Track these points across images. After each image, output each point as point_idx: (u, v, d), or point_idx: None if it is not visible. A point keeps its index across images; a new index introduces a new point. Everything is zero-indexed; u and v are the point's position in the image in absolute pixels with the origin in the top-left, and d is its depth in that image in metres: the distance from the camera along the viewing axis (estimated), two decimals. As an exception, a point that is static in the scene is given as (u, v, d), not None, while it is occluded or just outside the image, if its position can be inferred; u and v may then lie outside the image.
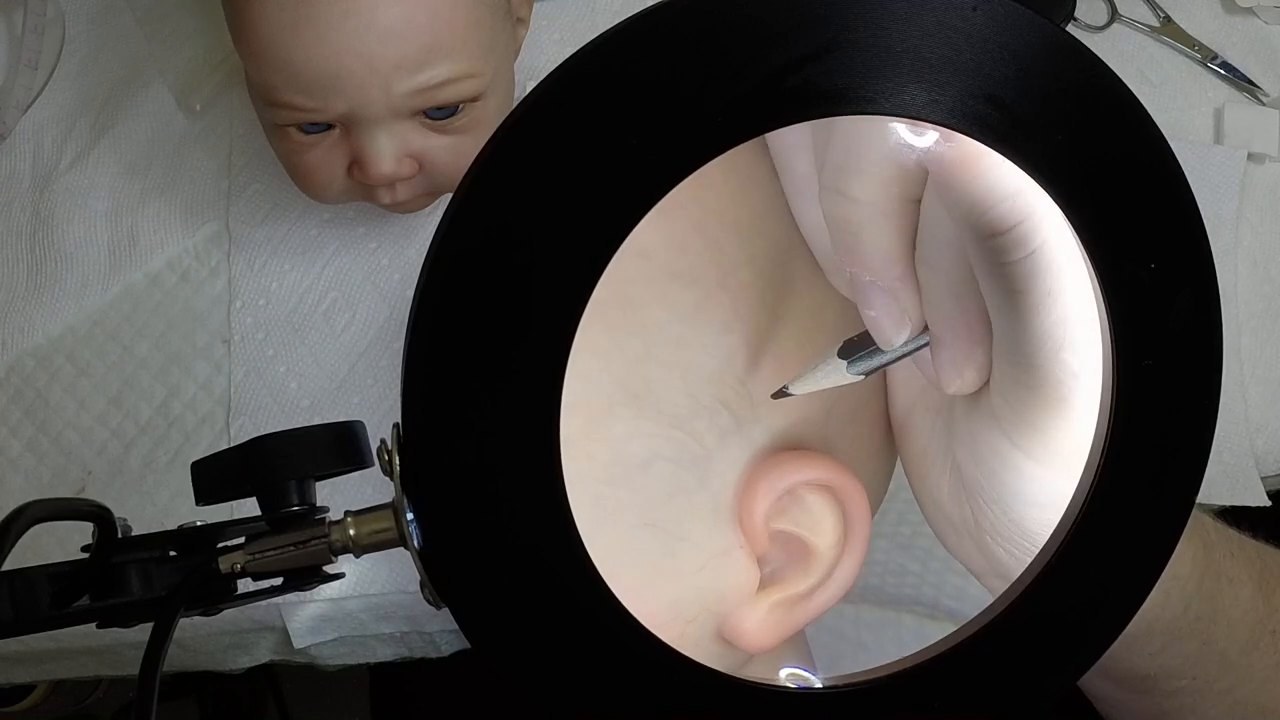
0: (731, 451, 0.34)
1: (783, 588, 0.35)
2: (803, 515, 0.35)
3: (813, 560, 0.35)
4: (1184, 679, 0.41)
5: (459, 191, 0.26)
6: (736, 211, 0.34)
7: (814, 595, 0.35)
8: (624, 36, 0.25)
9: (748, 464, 0.34)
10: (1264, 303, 0.68)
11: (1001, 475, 0.33)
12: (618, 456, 0.32)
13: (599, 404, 0.32)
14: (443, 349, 0.26)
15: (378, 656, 0.67)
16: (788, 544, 0.35)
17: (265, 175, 0.66)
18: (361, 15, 0.50)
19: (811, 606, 0.35)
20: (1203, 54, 0.72)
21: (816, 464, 0.34)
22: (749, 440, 0.34)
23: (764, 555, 0.35)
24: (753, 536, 0.34)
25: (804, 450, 0.35)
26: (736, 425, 0.34)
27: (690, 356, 0.33)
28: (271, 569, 0.29)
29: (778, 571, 0.35)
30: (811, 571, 0.35)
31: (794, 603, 0.35)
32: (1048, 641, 0.30)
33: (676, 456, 0.33)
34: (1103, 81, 0.28)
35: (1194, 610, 0.39)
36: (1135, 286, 0.29)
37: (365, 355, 0.63)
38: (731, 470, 0.34)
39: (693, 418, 0.33)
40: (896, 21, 0.26)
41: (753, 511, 0.34)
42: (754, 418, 0.34)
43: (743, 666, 0.35)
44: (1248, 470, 0.64)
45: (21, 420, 0.63)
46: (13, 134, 0.68)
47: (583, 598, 0.27)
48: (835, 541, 0.35)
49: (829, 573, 0.35)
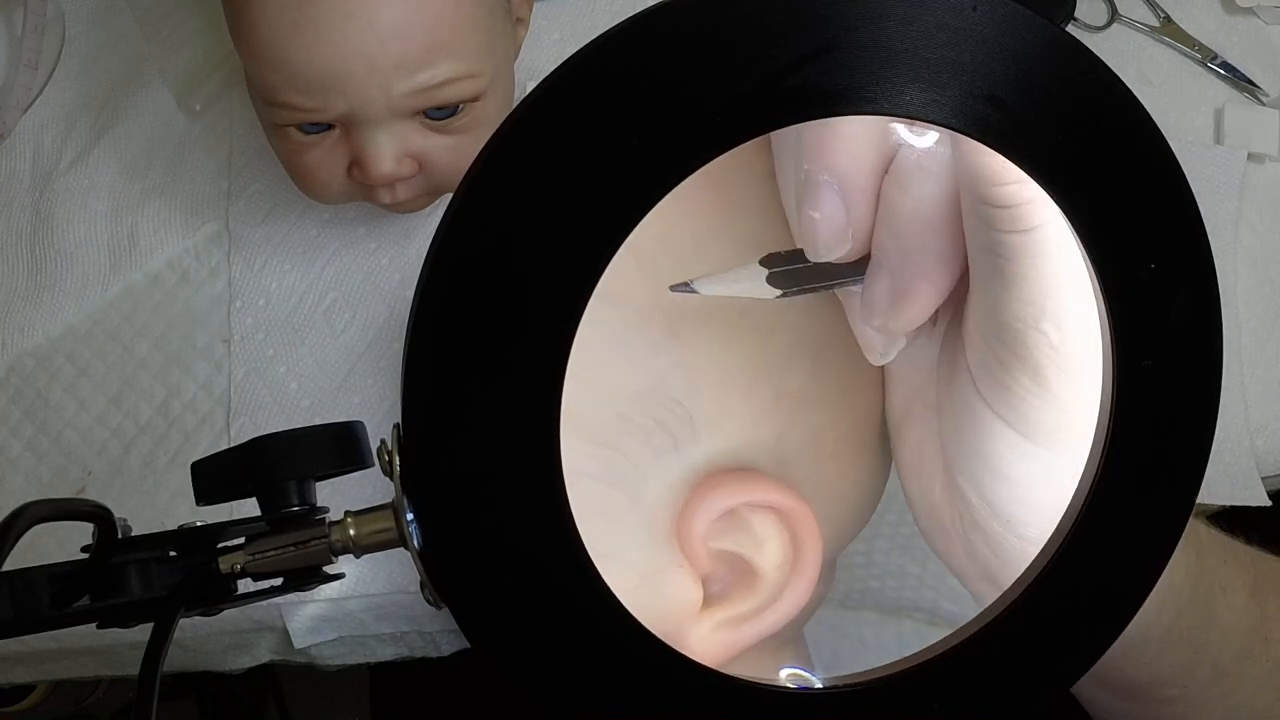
0: (668, 471, 0.34)
1: (727, 607, 0.35)
2: (745, 537, 0.35)
3: (757, 581, 0.35)
4: (1177, 687, 0.40)
5: (459, 191, 0.26)
6: (678, 235, 0.34)
7: (762, 614, 0.34)
8: (624, 36, 0.25)
9: (686, 484, 0.34)
10: (1264, 303, 0.68)
11: (977, 445, 0.32)
12: None
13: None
14: (443, 349, 0.26)
15: (378, 656, 0.67)
16: (732, 564, 0.35)
17: (265, 175, 0.66)
18: (362, 15, 0.50)
19: (761, 625, 0.34)
20: (1203, 54, 0.72)
21: (759, 486, 0.34)
22: (688, 461, 0.34)
23: (708, 574, 0.35)
24: (693, 556, 0.34)
25: (747, 472, 0.35)
26: (674, 445, 0.34)
27: (616, 376, 0.33)
28: (271, 569, 0.29)
29: (723, 591, 0.35)
30: (757, 592, 0.35)
31: (740, 621, 0.34)
32: (1048, 642, 0.30)
33: (603, 474, 0.33)
34: (1103, 81, 0.28)
35: (1187, 619, 0.38)
36: (1135, 286, 0.29)
37: (365, 355, 0.63)
38: (668, 490, 0.34)
39: (621, 436, 0.33)
40: (896, 21, 0.26)
41: (691, 531, 0.34)
42: (694, 438, 0.34)
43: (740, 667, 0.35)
44: (1248, 470, 0.64)
45: (21, 420, 0.63)
46: (13, 134, 0.68)
47: (583, 598, 0.27)
48: (780, 563, 0.35)
49: (777, 593, 0.35)
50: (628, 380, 0.33)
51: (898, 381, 0.37)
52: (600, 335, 0.33)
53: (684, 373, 0.34)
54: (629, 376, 0.33)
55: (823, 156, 0.30)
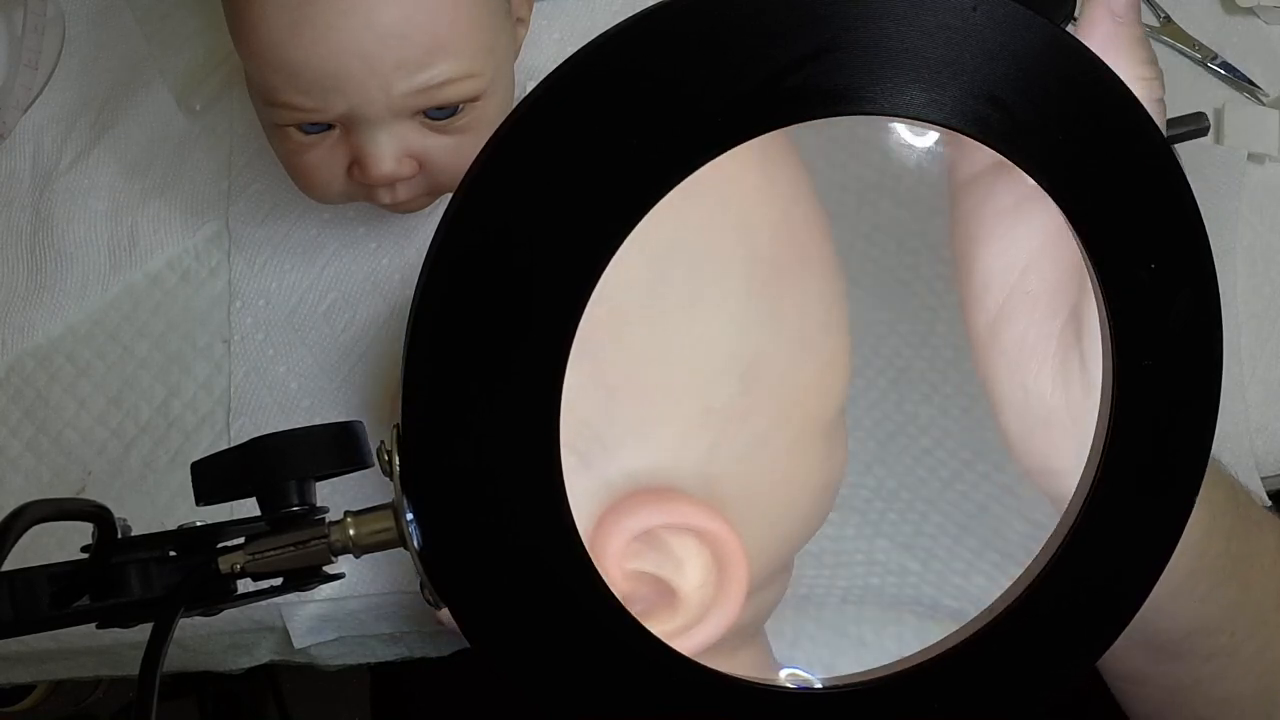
0: (576, 492, 0.34)
1: (650, 625, 0.34)
2: (662, 558, 0.34)
3: (678, 602, 0.34)
4: (1223, 634, 0.40)
5: (459, 191, 0.26)
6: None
7: (690, 632, 0.34)
8: (624, 36, 0.25)
9: (599, 505, 0.34)
10: (1264, 303, 0.68)
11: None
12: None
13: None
14: (443, 349, 0.26)
15: (378, 656, 0.67)
16: (653, 584, 0.34)
17: (265, 175, 0.66)
18: (361, 15, 0.50)
19: (690, 643, 0.34)
20: (1203, 54, 0.72)
21: (675, 507, 0.34)
22: (599, 480, 0.34)
23: (628, 594, 0.34)
24: (609, 577, 0.34)
25: (663, 491, 0.34)
26: (583, 465, 0.33)
27: None
28: (271, 569, 0.29)
29: (646, 610, 0.34)
30: (679, 612, 0.34)
31: (666, 639, 0.34)
32: (1048, 642, 0.30)
33: None
34: (1103, 81, 0.28)
35: (1234, 548, 0.39)
36: (1135, 286, 0.29)
37: (365, 355, 0.63)
38: (579, 511, 0.34)
39: None
40: (896, 21, 0.26)
41: (604, 553, 0.33)
42: (605, 457, 0.34)
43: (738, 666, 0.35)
44: (1248, 470, 0.64)
45: (21, 420, 0.63)
46: (13, 134, 0.68)
47: (583, 598, 0.27)
48: (702, 583, 0.34)
49: (701, 613, 0.34)
50: None
51: (995, 279, 0.37)
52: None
53: (600, 389, 0.33)
54: None
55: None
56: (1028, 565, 0.31)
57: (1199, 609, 0.40)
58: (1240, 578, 0.40)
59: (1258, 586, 0.40)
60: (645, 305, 0.34)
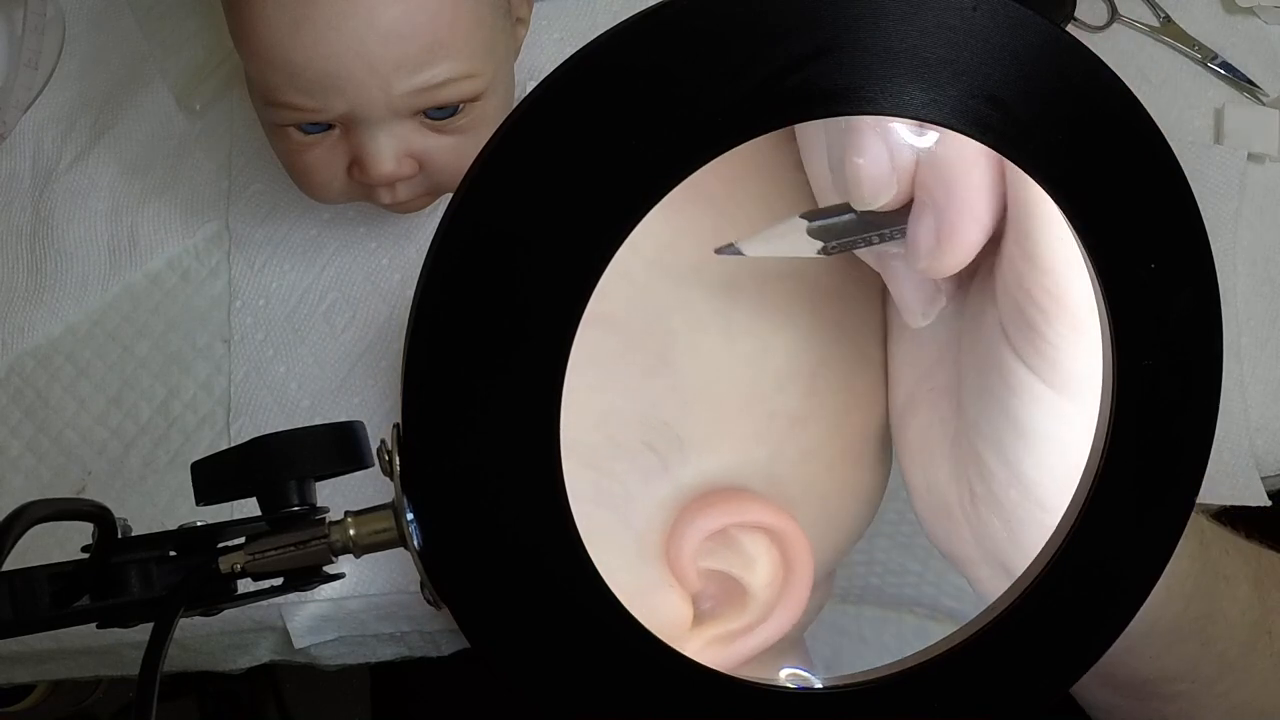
0: (657, 492, 0.34)
1: (718, 624, 0.35)
2: (734, 556, 0.35)
3: (748, 599, 0.35)
4: (1184, 682, 0.40)
5: (459, 191, 0.26)
6: (671, 258, 0.34)
7: (753, 631, 0.35)
8: (624, 36, 0.25)
9: (675, 504, 0.34)
10: (1264, 303, 0.68)
11: (1005, 403, 0.32)
12: None
13: None
14: (443, 349, 0.26)
15: (378, 656, 0.67)
16: (722, 582, 0.35)
17: (265, 175, 0.66)
18: (361, 15, 0.50)
19: (753, 641, 0.35)
20: (1203, 54, 0.72)
21: (749, 506, 0.34)
22: (676, 482, 0.34)
23: (698, 593, 0.35)
24: (681, 576, 0.34)
25: (736, 492, 0.35)
26: (663, 466, 0.34)
27: (608, 400, 0.33)
28: (271, 569, 0.29)
29: (714, 608, 0.35)
30: (747, 610, 0.35)
31: (731, 638, 0.35)
32: (1048, 642, 0.30)
33: (592, 496, 0.33)
34: (1103, 81, 0.28)
35: (1194, 609, 0.39)
36: (1135, 286, 0.29)
37: (365, 355, 0.63)
38: (657, 510, 0.34)
39: (611, 459, 0.33)
40: (896, 21, 0.26)
41: (680, 552, 0.34)
42: (683, 459, 0.34)
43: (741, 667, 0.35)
44: (1248, 470, 0.64)
45: (21, 420, 0.63)
46: (13, 134, 0.68)
47: (583, 598, 0.27)
48: (770, 581, 0.35)
49: (767, 611, 0.35)
50: (619, 404, 0.33)
51: (904, 370, 0.37)
52: (593, 361, 0.33)
53: (675, 396, 0.34)
54: (620, 401, 0.33)
55: None
56: (1028, 566, 0.31)
57: (1154, 663, 0.40)
58: (1200, 635, 0.40)
59: (1222, 639, 0.40)
60: (718, 314, 0.35)
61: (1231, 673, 0.41)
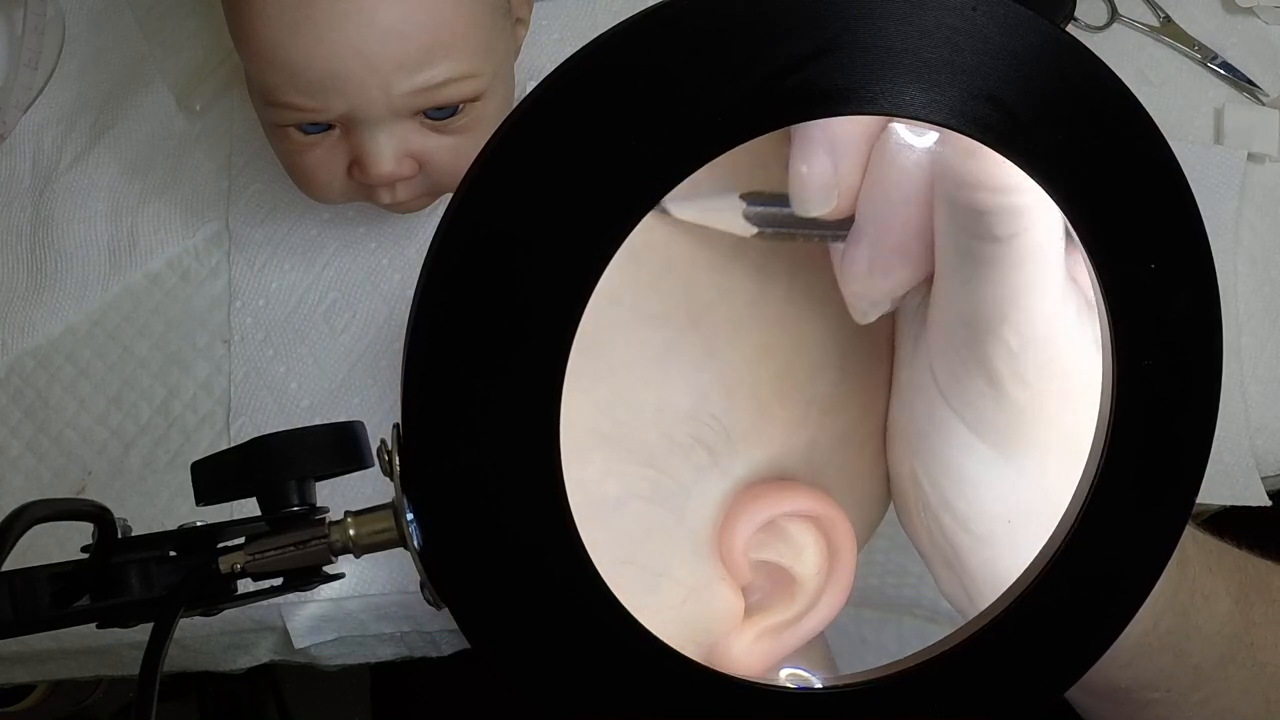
0: (709, 487, 0.34)
1: (768, 615, 0.35)
2: (784, 546, 0.35)
3: (797, 588, 0.35)
4: (1158, 690, 0.40)
5: (459, 191, 0.26)
6: (708, 251, 0.34)
7: (801, 621, 0.35)
8: (624, 36, 0.25)
9: (725, 498, 0.34)
10: (1264, 303, 0.68)
11: (930, 434, 0.33)
12: (590, 497, 0.32)
13: (568, 448, 0.32)
14: (443, 349, 0.26)
15: (378, 656, 0.67)
16: (771, 573, 0.35)
17: (265, 175, 0.66)
18: (361, 15, 0.50)
19: (800, 631, 0.35)
20: (1203, 54, 0.72)
21: (795, 495, 0.34)
22: (726, 475, 0.34)
23: (748, 585, 0.35)
24: (734, 568, 0.34)
25: (783, 482, 0.35)
26: (713, 461, 0.34)
27: (661, 396, 0.33)
28: (271, 569, 0.29)
29: (763, 600, 0.35)
30: (797, 599, 0.35)
31: (781, 629, 0.35)
32: (1048, 642, 0.30)
33: (651, 494, 0.33)
34: (1103, 81, 0.28)
35: (1164, 625, 0.38)
36: (1135, 286, 0.29)
37: (365, 355, 0.63)
38: (709, 505, 0.34)
39: (667, 456, 0.33)
40: (896, 21, 0.26)
41: (733, 545, 0.34)
42: (731, 452, 0.34)
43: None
44: (1248, 470, 0.64)
45: (21, 420, 0.63)
46: (13, 134, 0.68)
47: (583, 598, 0.27)
48: (818, 569, 0.35)
49: (814, 599, 0.35)
50: (671, 400, 0.33)
51: (896, 358, 0.37)
52: (644, 358, 0.33)
53: (722, 388, 0.34)
54: (672, 396, 0.33)
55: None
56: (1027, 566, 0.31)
57: (1125, 671, 0.40)
58: (1173, 649, 0.39)
59: (1196, 653, 0.40)
60: (754, 303, 0.35)
61: (1209, 683, 0.41)
